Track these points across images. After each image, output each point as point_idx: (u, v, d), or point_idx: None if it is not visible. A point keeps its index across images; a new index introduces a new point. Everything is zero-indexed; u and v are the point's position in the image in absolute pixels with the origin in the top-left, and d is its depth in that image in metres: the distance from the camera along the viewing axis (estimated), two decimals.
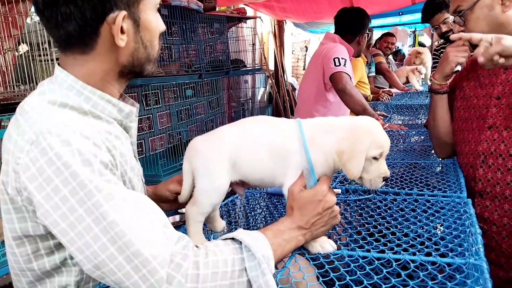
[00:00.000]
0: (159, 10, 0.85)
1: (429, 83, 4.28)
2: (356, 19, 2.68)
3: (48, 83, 0.80)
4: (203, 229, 1.06)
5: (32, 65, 2.56)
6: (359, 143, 0.86)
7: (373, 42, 4.93)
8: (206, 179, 0.92)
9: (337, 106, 2.63)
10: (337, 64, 2.44)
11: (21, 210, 0.73)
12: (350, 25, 2.68)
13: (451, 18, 2.68)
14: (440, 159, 1.67)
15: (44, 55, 2.66)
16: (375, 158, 0.88)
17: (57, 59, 2.80)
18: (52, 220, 0.67)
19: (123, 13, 0.75)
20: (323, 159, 0.90)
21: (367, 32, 2.78)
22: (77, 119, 0.75)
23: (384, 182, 0.91)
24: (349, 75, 2.45)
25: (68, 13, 0.73)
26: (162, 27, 0.86)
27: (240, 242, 0.76)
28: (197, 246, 0.75)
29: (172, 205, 1.11)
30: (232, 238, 0.78)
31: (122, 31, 0.76)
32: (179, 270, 0.67)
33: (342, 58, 2.46)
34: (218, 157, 0.91)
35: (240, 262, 0.73)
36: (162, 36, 0.88)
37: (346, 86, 2.37)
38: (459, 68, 1.49)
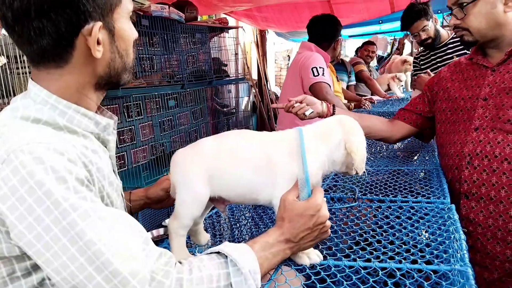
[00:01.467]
0: (139, 20, 0.84)
1: (410, 90, 4.35)
2: (330, 25, 2.72)
3: (22, 98, 0.78)
4: (187, 242, 1.04)
5: (10, 78, 2.50)
6: (362, 138, 0.94)
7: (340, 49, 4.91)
8: (184, 191, 0.90)
9: None
10: (315, 74, 2.46)
11: None
12: (325, 32, 2.72)
13: (430, 25, 2.74)
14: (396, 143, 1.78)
15: (22, 68, 2.61)
16: None
17: None
18: (27, 241, 0.64)
19: (99, 24, 0.73)
20: (318, 168, 0.90)
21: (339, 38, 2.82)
22: (51, 135, 0.72)
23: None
24: (328, 84, 2.47)
25: (41, 27, 0.70)
26: (135, 34, 0.85)
27: (226, 256, 0.74)
28: (180, 262, 0.73)
29: (166, 203, 1.17)
30: (218, 252, 0.76)
31: (98, 43, 0.75)
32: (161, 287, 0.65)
33: (320, 67, 2.48)
34: (195, 169, 0.90)
35: (226, 277, 0.71)
36: (136, 44, 0.86)
37: (327, 96, 2.40)
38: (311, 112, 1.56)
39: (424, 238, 1.02)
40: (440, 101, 1.55)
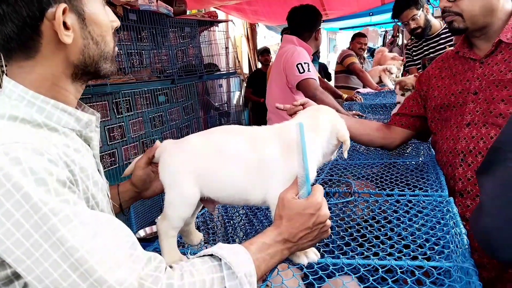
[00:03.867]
0: (126, 15, 0.80)
1: None
2: (310, 15, 2.68)
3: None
4: (179, 242, 1.01)
5: None
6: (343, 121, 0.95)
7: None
8: (172, 192, 0.86)
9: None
10: (301, 71, 2.42)
11: None
12: (306, 22, 2.67)
13: (420, 14, 2.72)
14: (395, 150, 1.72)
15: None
16: None
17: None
18: (5, 248, 0.60)
19: (63, 5, 0.69)
20: (313, 164, 0.86)
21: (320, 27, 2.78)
22: (30, 133, 0.68)
23: None
24: (315, 79, 2.44)
25: (1, 14, 0.66)
26: (115, 22, 0.81)
27: (220, 259, 0.70)
28: (171, 266, 0.69)
29: (154, 188, 1.06)
30: (211, 254, 0.72)
31: (66, 27, 0.70)
32: None
33: (305, 63, 2.45)
34: (183, 169, 0.85)
35: (220, 281, 0.68)
36: (117, 35, 0.82)
37: (316, 92, 2.36)
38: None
39: (424, 234, 0.99)
40: (430, 100, 1.50)
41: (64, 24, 0.70)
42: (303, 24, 2.67)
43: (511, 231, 0.64)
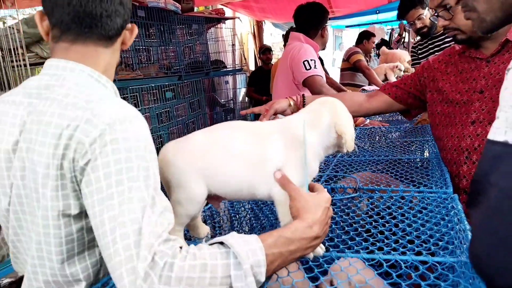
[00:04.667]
0: (135, 11, 0.92)
1: None
2: (317, 12, 2.68)
3: (64, 70, 0.84)
4: (186, 234, 1.03)
5: (4, 70, 2.50)
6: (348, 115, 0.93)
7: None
8: (179, 192, 0.86)
9: None
10: (307, 68, 2.44)
11: (67, 186, 0.76)
12: (313, 20, 2.67)
13: (425, 13, 2.72)
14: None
15: (16, 61, 2.58)
16: None
17: (31, 64, 2.72)
18: (107, 183, 0.70)
19: (132, 25, 0.96)
20: (313, 158, 0.88)
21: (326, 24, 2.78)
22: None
23: None
24: (321, 76, 2.45)
25: (117, 10, 0.87)
26: None
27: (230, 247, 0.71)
28: (181, 247, 0.70)
29: None
30: (221, 242, 0.73)
31: None
32: (154, 267, 0.65)
33: (311, 60, 2.46)
34: (188, 168, 0.85)
35: (225, 268, 0.68)
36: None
37: (322, 89, 2.38)
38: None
39: (428, 230, 1.00)
40: (431, 92, 1.50)
41: None
42: (310, 22, 2.68)
43: (498, 258, 0.65)
